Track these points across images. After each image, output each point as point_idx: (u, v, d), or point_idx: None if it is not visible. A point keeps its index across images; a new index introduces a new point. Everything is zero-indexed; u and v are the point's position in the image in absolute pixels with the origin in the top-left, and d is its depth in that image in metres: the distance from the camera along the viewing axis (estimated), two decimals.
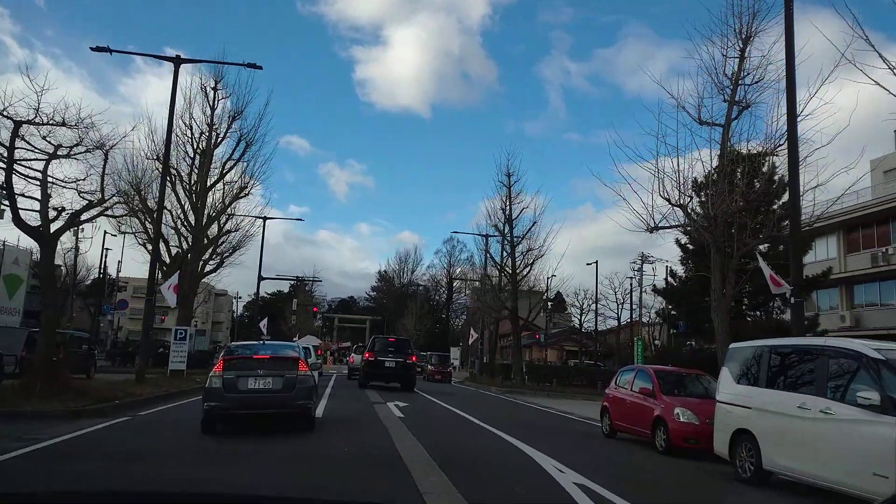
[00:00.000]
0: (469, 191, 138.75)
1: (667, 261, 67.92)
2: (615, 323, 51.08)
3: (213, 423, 10.02)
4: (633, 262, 50.36)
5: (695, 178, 16.37)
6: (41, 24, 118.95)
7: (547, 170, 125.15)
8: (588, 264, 46.35)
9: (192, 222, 24.51)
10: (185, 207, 24.77)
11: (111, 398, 14.27)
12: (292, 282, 79.29)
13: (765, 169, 15.93)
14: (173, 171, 24.54)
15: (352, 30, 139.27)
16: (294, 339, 48.91)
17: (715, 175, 15.32)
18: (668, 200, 15.02)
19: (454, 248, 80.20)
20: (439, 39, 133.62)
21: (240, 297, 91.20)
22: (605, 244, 72.38)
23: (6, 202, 42.93)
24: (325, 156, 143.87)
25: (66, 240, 50.29)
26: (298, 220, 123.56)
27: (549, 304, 38.78)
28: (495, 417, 15.81)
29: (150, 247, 23.79)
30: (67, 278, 54.04)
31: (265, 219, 41.18)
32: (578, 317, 44.17)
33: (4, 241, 45.81)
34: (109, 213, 14.46)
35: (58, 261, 56.44)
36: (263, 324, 46.31)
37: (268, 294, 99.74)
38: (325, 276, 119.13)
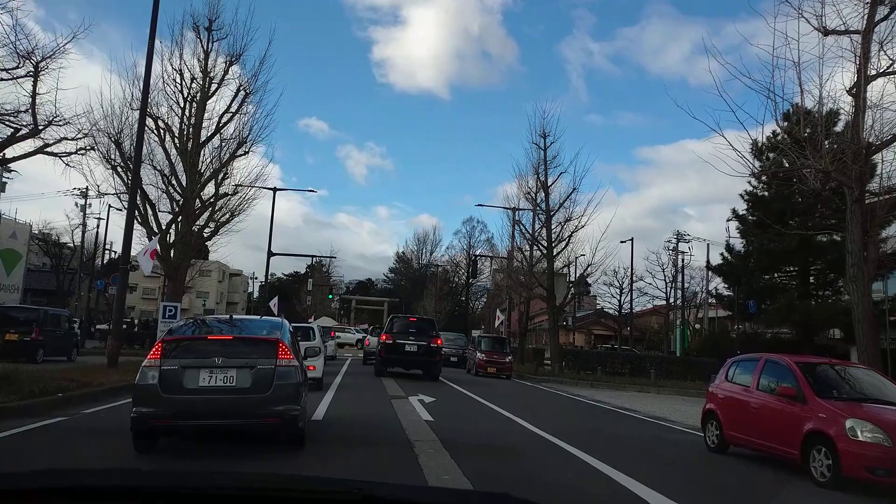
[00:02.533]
0: (489, 173, 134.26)
1: (704, 240, 63.53)
2: (650, 304, 47.11)
3: (148, 437, 6.57)
4: (668, 241, 46.41)
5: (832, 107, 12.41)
6: (64, 6, 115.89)
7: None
8: (622, 242, 42.50)
9: (184, 183, 21.07)
10: (177, 167, 21.33)
11: (55, 390, 10.97)
12: (307, 261, 76.41)
13: None
14: (161, 125, 21.12)
15: (370, 10, 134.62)
16: (309, 319, 45.80)
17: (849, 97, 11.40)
18: (789, 133, 11.19)
19: (474, 229, 76.81)
20: (459, 18, 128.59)
21: (256, 278, 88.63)
22: (625, 227, 68.21)
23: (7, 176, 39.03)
24: (343, 138, 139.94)
25: (74, 216, 47.31)
26: (311, 191, 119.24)
27: (580, 286, 35.02)
28: (546, 419, 12.28)
29: (137, 211, 20.50)
30: (75, 256, 51.33)
31: (275, 189, 38.03)
32: (618, 297, 40.16)
33: (2, 214, 43.05)
34: (51, 150, 10.97)
35: (65, 238, 54.12)
36: (274, 303, 43.20)
37: (284, 275, 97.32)
38: (342, 259, 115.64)
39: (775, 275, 31.09)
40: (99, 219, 42.61)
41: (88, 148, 12.44)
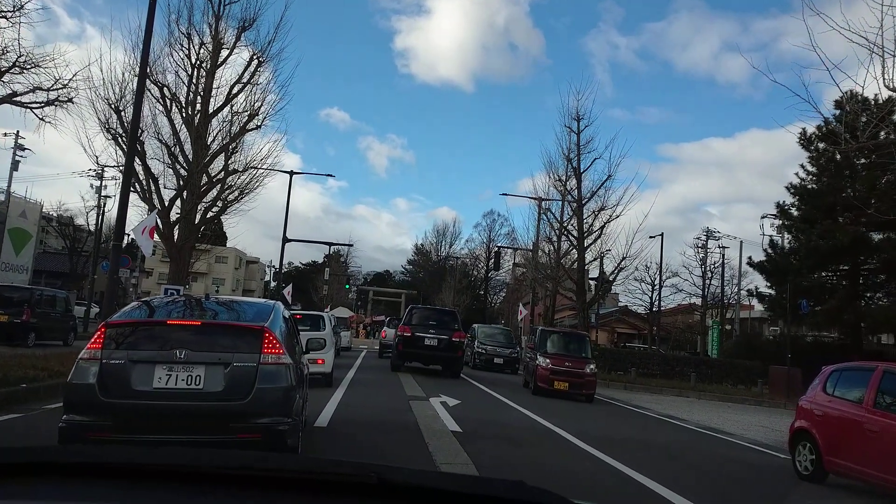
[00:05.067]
0: (511, 167, 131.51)
1: (735, 237, 61.03)
2: (686, 301, 44.83)
3: None
4: (697, 238, 44.16)
5: None
6: None
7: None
8: (651, 237, 40.36)
9: (191, 158, 19.48)
10: (183, 139, 19.73)
11: (19, 379, 9.45)
12: (325, 252, 75.12)
13: None
14: (167, 94, 19.52)
15: (393, 0, 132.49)
16: (326, 309, 44.37)
17: None
18: None
19: (494, 222, 75.17)
20: (484, 9, 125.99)
21: (273, 266, 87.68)
22: (647, 224, 65.80)
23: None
24: (365, 129, 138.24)
25: (89, 198, 46.08)
26: (329, 175, 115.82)
27: (605, 282, 32.89)
28: (589, 427, 10.52)
29: (138, 186, 18.99)
30: (90, 239, 50.37)
31: (292, 173, 36.65)
32: (649, 294, 37.98)
33: (12, 192, 41.98)
34: (20, 99, 9.38)
35: (80, 220, 53.07)
36: (288, 291, 41.86)
37: (302, 264, 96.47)
38: (360, 251, 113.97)
39: (823, 273, 28.86)
40: (106, 197, 41.04)
41: (65, 100, 10.85)
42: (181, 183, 19.41)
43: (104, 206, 41.80)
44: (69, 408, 4.66)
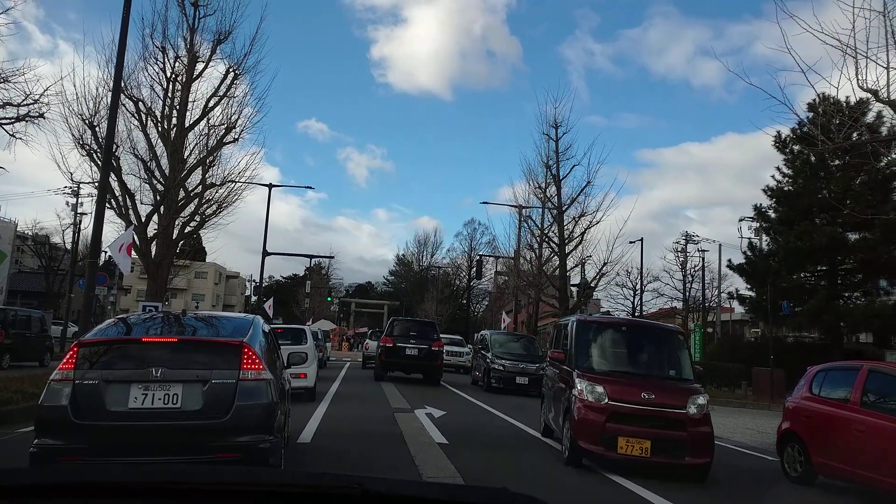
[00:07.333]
0: (491, 175, 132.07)
1: (714, 240, 61.34)
2: (667, 305, 45.07)
3: None
4: (677, 243, 44.48)
5: None
6: (63, 7, 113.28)
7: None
8: (631, 242, 40.57)
9: (168, 173, 19.20)
10: (160, 154, 19.46)
11: None
12: (306, 264, 74.65)
13: None
14: (143, 108, 19.25)
15: (368, 10, 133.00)
16: (308, 322, 44.00)
17: None
18: (875, 95, 9.30)
19: (475, 231, 75.41)
20: (461, 17, 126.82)
21: (253, 280, 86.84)
22: (626, 229, 66.05)
23: None
24: (344, 140, 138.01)
25: (65, 216, 45.27)
26: (308, 188, 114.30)
27: (586, 288, 32.89)
28: None
29: (114, 202, 18.69)
30: (66, 257, 49.48)
31: (270, 186, 36.38)
32: (631, 299, 38.10)
33: None
34: None
35: (56, 239, 52.13)
36: (269, 305, 41.52)
37: (283, 277, 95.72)
38: (342, 262, 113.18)
39: (802, 274, 29.20)
40: (82, 214, 40.40)
41: (36, 115, 10.60)
42: (158, 198, 19.13)
43: (80, 223, 41.17)
44: (41, 431, 4.48)
